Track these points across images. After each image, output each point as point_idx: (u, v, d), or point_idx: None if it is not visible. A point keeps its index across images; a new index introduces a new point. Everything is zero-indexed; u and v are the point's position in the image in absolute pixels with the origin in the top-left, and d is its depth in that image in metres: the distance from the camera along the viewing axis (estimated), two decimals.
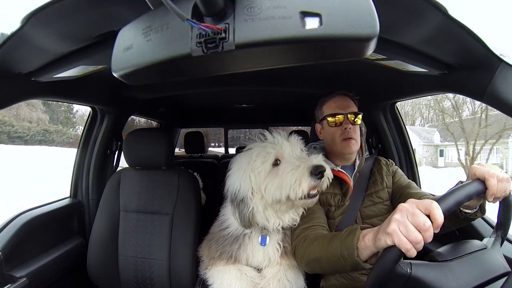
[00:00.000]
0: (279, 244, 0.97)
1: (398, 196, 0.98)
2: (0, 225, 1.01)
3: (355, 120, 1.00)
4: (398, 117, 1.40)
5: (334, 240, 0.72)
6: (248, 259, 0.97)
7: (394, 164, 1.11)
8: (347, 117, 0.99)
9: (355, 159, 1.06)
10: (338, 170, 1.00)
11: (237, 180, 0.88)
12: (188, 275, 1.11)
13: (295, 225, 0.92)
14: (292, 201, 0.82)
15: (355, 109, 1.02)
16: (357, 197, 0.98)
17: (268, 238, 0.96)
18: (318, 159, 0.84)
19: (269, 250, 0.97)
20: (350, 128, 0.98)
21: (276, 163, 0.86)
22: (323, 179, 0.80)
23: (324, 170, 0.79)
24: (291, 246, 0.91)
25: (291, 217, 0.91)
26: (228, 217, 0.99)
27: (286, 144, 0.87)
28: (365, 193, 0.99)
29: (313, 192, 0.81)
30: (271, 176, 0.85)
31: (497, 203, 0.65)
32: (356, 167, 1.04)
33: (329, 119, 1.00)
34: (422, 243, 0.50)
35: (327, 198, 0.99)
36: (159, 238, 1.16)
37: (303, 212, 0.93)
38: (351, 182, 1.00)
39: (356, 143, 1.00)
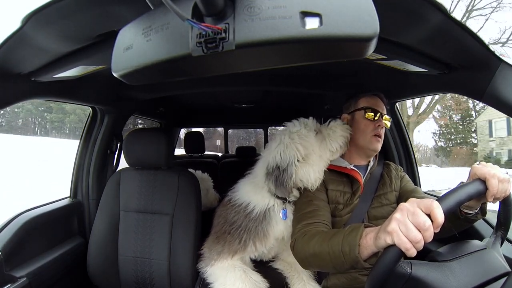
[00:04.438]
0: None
1: (404, 200, 0.99)
2: (0, 225, 1.01)
3: (386, 119, 1.04)
4: (398, 117, 1.40)
5: (336, 235, 0.72)
6: (274, 231, 1.02)
7: (402, 170, 1.13)
8: (382, 117, 1.03)
9: (370, 160, 1.08)
10: (351, 169, 1.01)
11: (281, 152, 0.98)
12: (188, 275, 1.11)
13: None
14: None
15: None
16: (366, 198, 0.99)
17: (288, 210, 1.03)
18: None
19: (288, 221, 1.03)
20: (382, 127, 1.02)
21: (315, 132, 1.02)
22: None
23: None
24: (291, 239, 0.91)
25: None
26: (250, 199, 1.04)
27: (313, 120, 1.04)
28: (374, 194, 1.00)
29: None
30: (318, 140, 1.00)
31: (497, 203, 0.65)
32: (369, 168, 1.05)
33: (367, 111, 1.03)
34: (422, 243, 0.50)
35: (336, 196, 0.99)
36: (159, 238, 1.16)
37: (308, 207, 0.95)
38: (362, 181, 1.01)
39: (381, 144, 1.03)
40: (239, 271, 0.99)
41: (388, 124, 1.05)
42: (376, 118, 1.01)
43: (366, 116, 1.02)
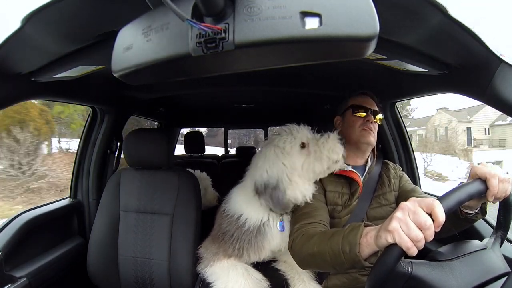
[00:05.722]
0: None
1: (403, 200, 0.98)
2: (0, 225, 1.01)
3: (377, 117, 1.04)
4: (398, 117, 1.40)
5: (336, 235, 0.72)
6: (270, 245, 1.01)
7: (401, 169, 1.13)
8: (371, 112, 1.03)
9: (367, 159, 1.07)
10: (349, 170, 1.00)
11: (267, 169, 0.95)
12: (188, 274, 1.11)
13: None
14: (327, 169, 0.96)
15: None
16: (365, 199, 0.99)
17: (284, 222, 1.01)
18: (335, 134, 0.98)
19: (285, 233, 1.02)
20: (371, 122, 1.02)
21: (302, 146, 0.97)
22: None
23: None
24: (289, 240, 0.90)
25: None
26: (242, 211, 1.02)
27: (304, 129, 0.99)
28: (373, 195, 1.00)
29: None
30: (303, 156, 0.95)
31: (497, 203, 0.65)
32: (367, 168, 1.05)
33: (355, 109, 1.04)
34: (423, 242, 0.50)
35: (335, 197, 0.99)
36: (159, 238, 1.16)
37: (305, 208, 0.94)
38: (361, 181, 1.00)
39: (374, 137, 1.03)
40: (241, 268, 0.99)
41: (379, 121, 1.05)
42: (363, 115, 1.02)
43: (355, 114, 1.03)
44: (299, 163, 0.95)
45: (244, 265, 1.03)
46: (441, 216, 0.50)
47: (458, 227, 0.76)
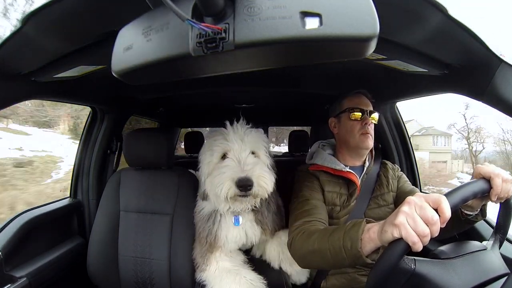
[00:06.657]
0: (256, 222, 1.03)
1: (402, 201, 0.98)
2: (0, 225, 1.01)
3: (373, 117, 1.03)
4: (398, 117, 1.40)
5: (337, 231, 0.71)
6: (227, 237, 1.02)
7: (399, 169, 1.12)
8: (368, 114, 1.02)
9: (365, 159, 1.07)
10: (347, 171, 1.00)
11: (200, 161, 0.99)
12: (188, 275, 1.11)
13: (256, 207, 0.97)
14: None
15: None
16: (363, 199, 0.99)
17: (240, 218, 1.02)
18: (257, 171, 0.84)
19: (246, 228, 1.03)
20: (369, 125, 1.01)
21: (224, 156, 0.91)
22: (251, 191, 0.83)
23: (250, 187, 0.82)
24: (288, 238, 0.90)
25: (242, 206, 0.94)
26: (202, 202, 1.06)
27: (235, 142, 0.90)
28: (371, 195, 1.00)
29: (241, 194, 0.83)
30: (218, 168, 0.89)
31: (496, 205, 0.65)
32: (365, 168, 1.05)
33: (352, 112, 1.02)
34: (429, 237, 0.50)
35: (333, 197, 0.99)
36: (159, 238, 1.16)
37: (305, 206, 0.94)
38: (359, 182, 1.00)
39: (372, 141, 1.02)
40: (232, 274, 0.98)
41: (375, 121, 1.04)
42: (360, 117, 1.01)
43: (351, 117, 1.02)
44: (212, 175, 0.92)
45: (236, 269, 1.01)
46: (447, 212, 0.50)
47: (458, 228, 0.76)
